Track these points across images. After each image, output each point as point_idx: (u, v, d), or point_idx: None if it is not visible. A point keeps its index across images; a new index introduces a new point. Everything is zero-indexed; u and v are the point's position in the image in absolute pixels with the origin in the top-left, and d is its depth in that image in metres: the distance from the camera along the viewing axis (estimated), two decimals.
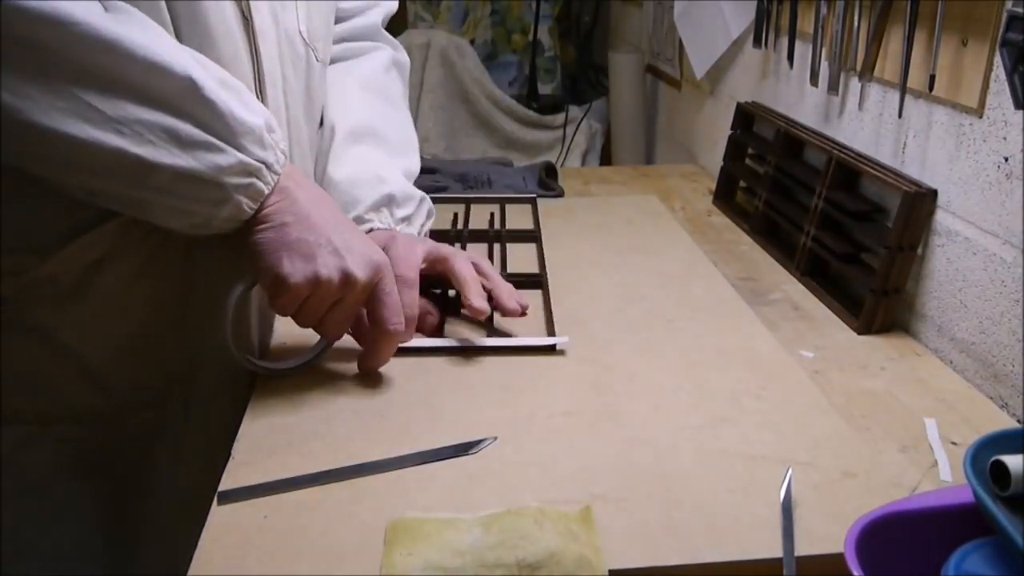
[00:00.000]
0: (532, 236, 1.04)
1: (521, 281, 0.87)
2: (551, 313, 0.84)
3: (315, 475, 0.61)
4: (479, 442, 0.63)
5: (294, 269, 0.64)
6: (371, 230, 0.79)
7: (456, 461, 0.62)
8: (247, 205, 0.63)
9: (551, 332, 0.81)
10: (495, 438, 0.64)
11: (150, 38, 0.57)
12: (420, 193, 0.86)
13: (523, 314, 0.79)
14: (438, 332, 0.81)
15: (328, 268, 0.65)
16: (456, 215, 1.10)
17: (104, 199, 0.61)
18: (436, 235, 0.88)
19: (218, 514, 0.57)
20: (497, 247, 1.00)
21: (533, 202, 1.17)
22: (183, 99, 0.58)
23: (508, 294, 0.79)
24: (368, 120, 0.87)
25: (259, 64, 0.70)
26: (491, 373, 0.74)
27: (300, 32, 0.76)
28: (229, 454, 0.63)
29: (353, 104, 0.87)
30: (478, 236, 1.03)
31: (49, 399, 0.69)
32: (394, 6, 1.00)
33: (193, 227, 0.63)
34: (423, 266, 0.77)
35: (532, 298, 0.84)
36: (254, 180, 0.62)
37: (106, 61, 0.55)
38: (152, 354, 0.72)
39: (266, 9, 0.70)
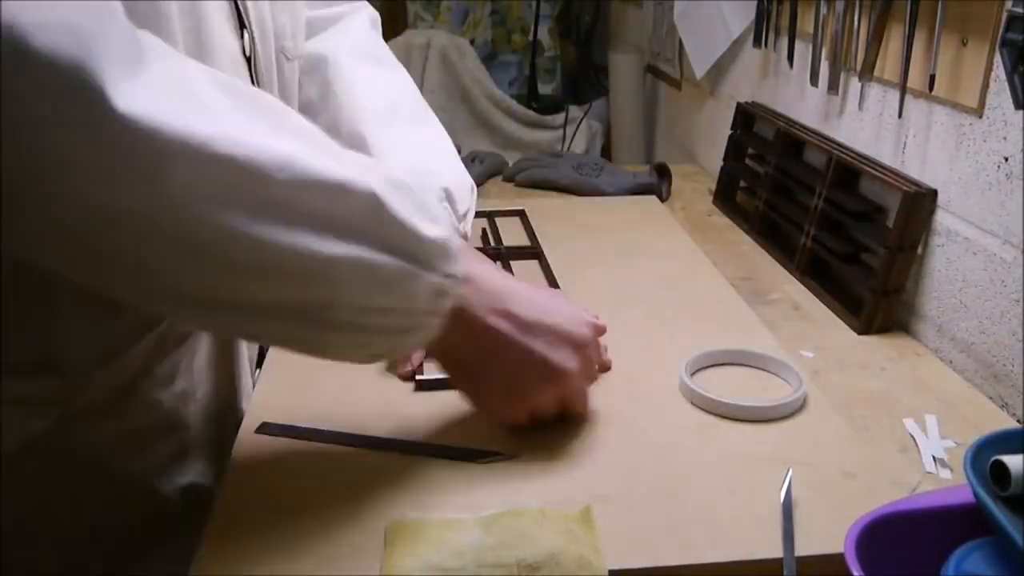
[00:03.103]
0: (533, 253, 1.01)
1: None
2: None
3: (334, 434, 0.62)
4: (493, 454, 0.62)
5: (504, 413, 0.61)
6: None
7: (456, 461, 0.62)
8: (438, 326, 0.54)
9: None
10: (510, 456, 0.62)
11: (318, 146, 0.48)
12: (468, 178, 0.78)
13: None
14: None
15: (540, 392, 0.60)
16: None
17: (273, 342, 0.55)
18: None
19: (218, 514, 0.57)
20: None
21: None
22: (369, 221, 0.49)
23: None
24: (387, 96, 0.80)
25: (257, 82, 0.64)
26: None
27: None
28: None
29: (367, 83, 0.80)
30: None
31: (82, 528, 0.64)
32: None
33: (373, 358, 0.56)
34: None
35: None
36: (445, 297, 0.53)
37: (284, 190, 0.46)
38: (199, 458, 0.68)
39: (252, 13, 0.64)
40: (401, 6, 2.40)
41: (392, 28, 2.48)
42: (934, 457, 0.68)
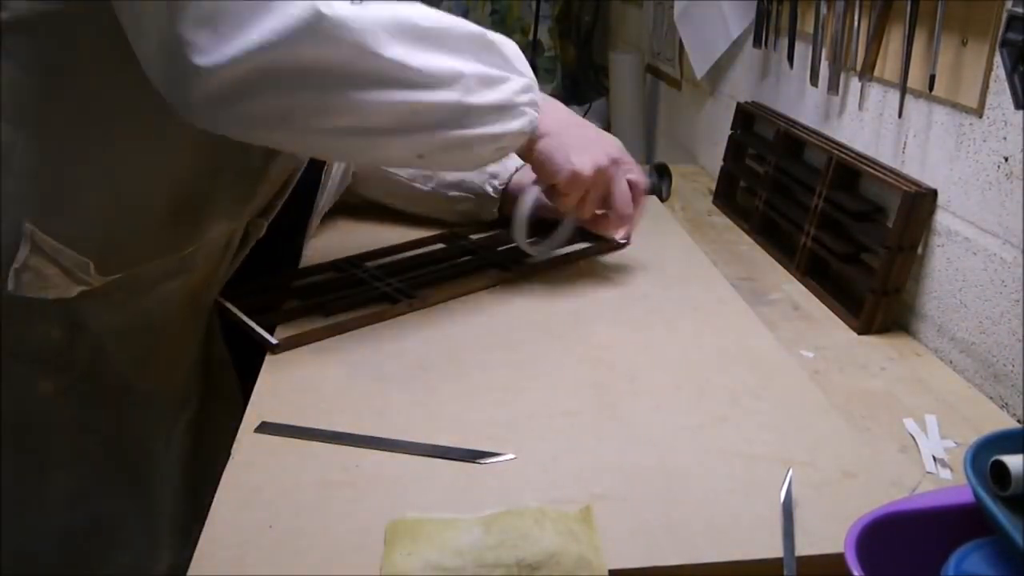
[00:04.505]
0: None
1: None
2: None
3: (334, 434, 0.64)
4: (493, 454, 0.63)
5: (582, 163, 0.80)
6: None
7: (456, 461, 0.62)
8: (532, 115, 0.77)
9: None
10: (509, 456, 0.63)
11: (426, 55, 0.69)
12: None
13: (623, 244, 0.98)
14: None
15: (599, 157, 0.81)
16: None
17: (438, 155, 0.74)
18: None
19: (218, 514, 0.57)
20: None
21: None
22: (479, 45, 0.74)
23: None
24: None
25: None
26: (493, 373, 0.74)
27: None
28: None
29: None
30: None
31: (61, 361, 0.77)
32: None
33: (497, 151, 0.77)
34: None
35: None
36: (532, 94, 0.78)
37: (430, 30, 0.71)
38: (173, 366, 0.81)
39: None
40: None
41: None
42: (934, 457, 0.68)
